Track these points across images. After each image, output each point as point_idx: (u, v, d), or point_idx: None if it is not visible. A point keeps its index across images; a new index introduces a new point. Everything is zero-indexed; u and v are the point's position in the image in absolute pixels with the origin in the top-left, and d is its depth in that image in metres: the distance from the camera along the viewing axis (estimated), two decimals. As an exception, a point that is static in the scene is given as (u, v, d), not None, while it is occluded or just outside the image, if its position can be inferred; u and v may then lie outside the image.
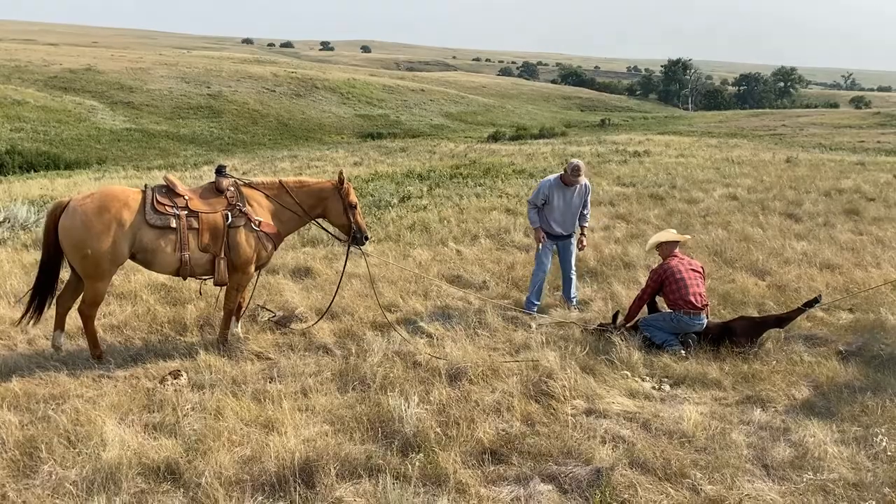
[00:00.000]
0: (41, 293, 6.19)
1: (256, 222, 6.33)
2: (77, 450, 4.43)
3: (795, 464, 4.51)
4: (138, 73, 60.91)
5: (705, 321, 6.65)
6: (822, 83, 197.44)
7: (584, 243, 8.17)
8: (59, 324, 6.28)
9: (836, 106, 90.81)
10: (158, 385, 5.55)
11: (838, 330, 7.00)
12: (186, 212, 6.12)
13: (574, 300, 7.91)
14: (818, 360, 6.13)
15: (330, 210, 6.73)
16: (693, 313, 6.58)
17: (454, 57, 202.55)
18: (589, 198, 8.08)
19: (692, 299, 6.59)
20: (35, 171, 30.00)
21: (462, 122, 66.16)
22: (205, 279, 6.47)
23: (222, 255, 6.22)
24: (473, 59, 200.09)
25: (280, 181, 6.67)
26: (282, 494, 4.10)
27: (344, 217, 6.74)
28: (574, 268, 8.04)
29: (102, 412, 4.91)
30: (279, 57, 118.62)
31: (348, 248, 7.11)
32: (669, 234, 7.26)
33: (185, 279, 6.58)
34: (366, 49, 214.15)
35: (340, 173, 6.79)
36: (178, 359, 6.13)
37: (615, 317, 6.98)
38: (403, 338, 6.51)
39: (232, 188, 6.38)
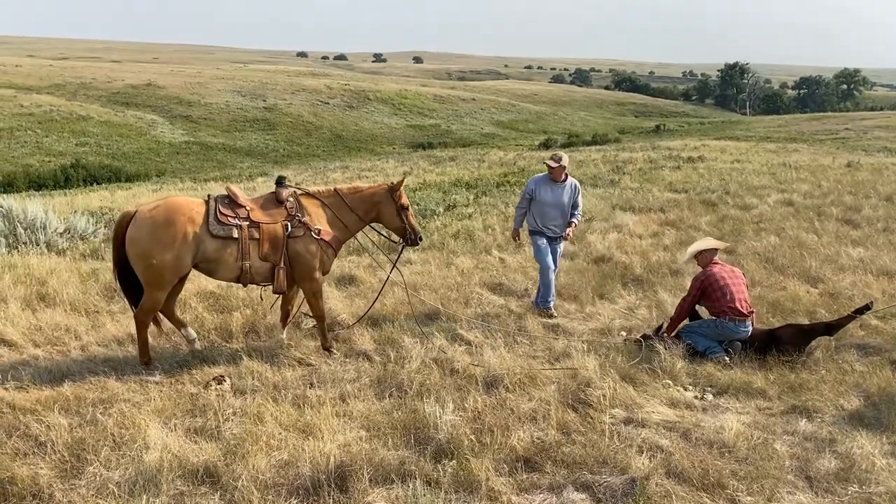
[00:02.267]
0: (127, 292, 6.43)
1: (316, 230, 6.44)
2: (121, 452, 4.57)
3: (840, 476, 4.37)
4: (196, 88, 62.65)
5: (750, 328, 6.49)
6: (888, 84, 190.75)
7: (570, 233, 8.17)
8: (177, 323, 6.68)
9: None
10: (202, 390, 5.68)
11: (893, 339, 6.75)
12: (248, 222, 6.25)
13: (549, 304, 7.84)
14: (870, 370, 5.92)
15: (383, 213, 6.84)
16: (738, 320, 6.43)
17: (506, 65, 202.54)
18: (579, 198, 8.09)
19: (737, 305, 6.44)
20: (98, 183, 31.09)
21: (513, 130, 66.08)
22: (266, 286, 6.61)
23: (282, 265, 6.35)
24: (525, 67, 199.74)
25: (335, 189, 6.80)
26: (315, 498, 4.16)
27: (398, 220, 6.84)
28: (556, 269, 8.07)
29: (147, 416, 5.05)
30: (332, 70, 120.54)
31: (401, 251, 7.27)
32: (708, 242, 7.12)
33: (245, 286, 6.75)
34: (418, 60, 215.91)
35: (397, 183, 6.88)
36: (223, 365, 6.26)
37: (659, 329, 6.86)
38: (440, 346, 6.53)
39: (291, 199, 6.52)
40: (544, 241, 7.97)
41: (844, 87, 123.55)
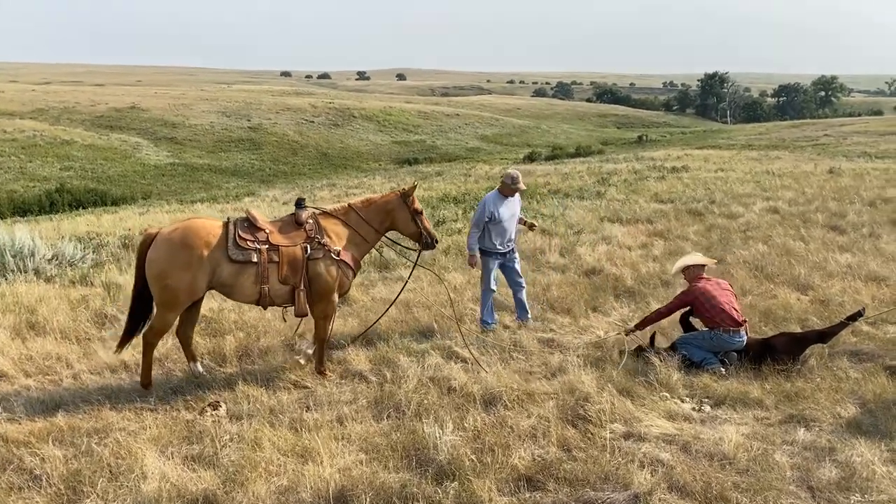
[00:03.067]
0: (133, 320, 6.38)
1: (335, 252, 6.43)
2: (119, 482, 4.52)
3: (842, 485, 4.38)
4: (180, 109, 62.49)
5: (745, 338, 6.52)
6: (864, 90, 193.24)
7: (530, 222, 8.18)
8: (189, 355, 6.63)
9: (879, 113, 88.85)
10: (198, 416, 5.63)
11: (886, 344, 6.80)
12: (267, 246, 6.24)
13: (529, 317, 7.87)
14: (865, 377, 5.96)
15: (398, 221, 6.86)
16: (733, 330, 6.46)
17: (488, 81, 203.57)
18: (521, 203, 8.11)
19: (731, 314, 6.48)
20: (83, 207, 30.84)
21: (498, 144, 66.30)
22: (286, 307, 6.57)
23: (302, 287, 6.32)
24: (508, 82, 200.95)
25: (349, 204, 6.81)
26: (317, 524, 4.12)
27: (412, 225, 6.86)
28: (523, 282, 8.01)
29: (143, 445, 5.00)
30: (317, 88, 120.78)
31: (418, 256, 7.29)
32: (695, 258, 7.18)
33: (265, 308, 6.74)
34: (401, 77, 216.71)
35: (406, 189, 6.92)
36: (218, 390, 6.21)
37: (652, 339, 6.88)
38: (437, 363, 6.51)
39: (311, 220, 6.51)
40: (497, 264, 7.85)
41: (822, 93, 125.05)
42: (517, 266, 7.99)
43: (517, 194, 7.91)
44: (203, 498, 4.34)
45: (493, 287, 7.83)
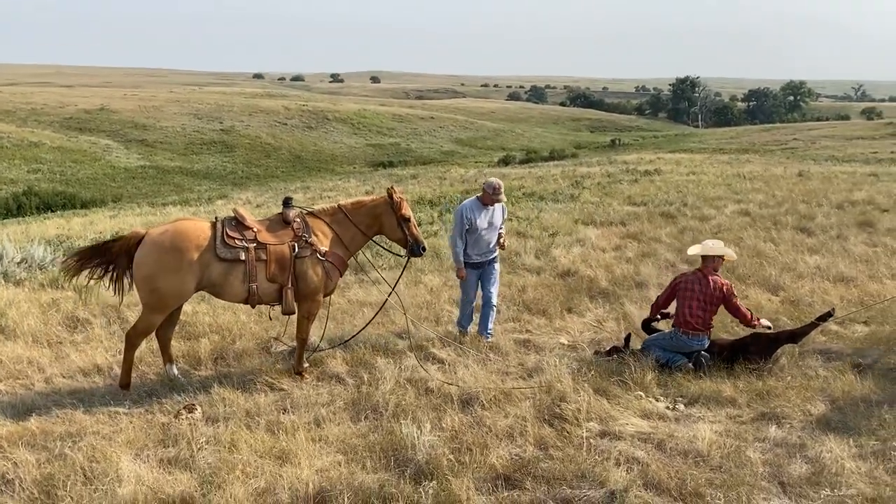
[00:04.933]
0: (88, 259, 6.28)
1: (322, 252, 6.43)
2: (93, 486, 4.46)
3: (812, 480, 4.47)
4: (151, 111, 61.81)
5: (706, 342, 6.59)
6: (832, 95, 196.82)
7: (505, 241, 7.69)
8: (167, 357, 6.56)
9: (847, 118, 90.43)
10: (173, 419, 5.58)
11: (854, 343, 6.96)
12: (255, 244, 6.25)
13: (489, 334, 7.42)
14: (834, 375, 6.08)
15: (385, 225, 6.84)
16: (692, 333, 6.55)
17: (462, 84, 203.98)
18: (506, 215, 7.76)
19: (688, 318, 6.56)
20: (52, 210, 30.37)
21: (472, 147, 66.51)
22: (274, 306, 6.55)
23: (289, 285, 6.34)
24: (482, 86, 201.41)
25: (339, 205, 6.80)
26: (296, 526, 4.11)
27: (399, 231, 6.83)
28: (496, 296, 7.62)
29: (118, 448, 4.95)
30: (290, 90, 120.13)
31: (406, 262, 7.33)
32: (714, 248, 6.80)
33: (253, 307, 6.75)
34: (375, 79, 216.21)
35: (390, 188, 6.86)
36: (193, 393, 6.16)
37: (627, 339, 6.94)
38: (415, 365, 6.52)
39: (298, 219, 6.51)
40: (475, 273, 7.51)
41: (791, 98, 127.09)
42: (493, 281, 7.57)
43: (501, 205, 7.56)
44: (180, 500, 4.31)
45: (472, 298, 7.57)
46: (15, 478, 4.60)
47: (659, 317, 7.08)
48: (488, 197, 7.40)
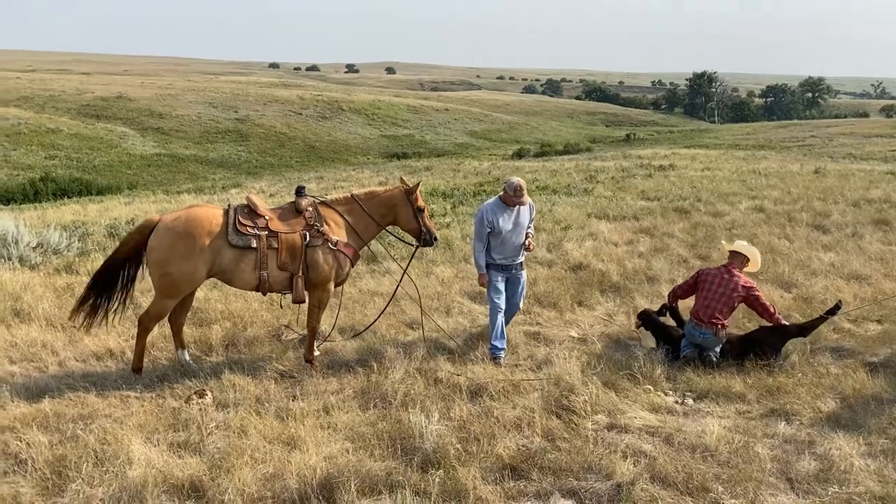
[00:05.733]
0: (97, 293, 6.36)
1: (334, 241, 6.46)
2: (104, 468, 4.52)
3: (820, 477, 4.46)
4: (167, 100, 62.11)
5: (711, 338, 6.57)
6: (850, 93, 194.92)
7: (532, 244, 7.12)
8: (179, 342, 6.62)
9: (865, 115, 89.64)
10: (184, 404, 5.63)
11: (866, 341, 6.91)
12: (267, 232, 6.29)
13: (502, 355, 6.72)
14: (845, 372, 6.06)
15: (400, 216, 6.86)
16: (698, 324, 6.57)
17: (478, 76, 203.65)
18: (534, 216, 7.27)
19: (699, 312, 6.61)
20: (68, 197, 30.58)
21: (486, 139, 66.38)
22: (285, 294, 6.59)
23: (300, 274, 6.38)
24: (497, 78, 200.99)
25: (352, 195, 6.83)
26: (303, 511, 4.15)
27: (414, 222, 6.85)
28: (519, 305, 7.21)
29: (129, 431, 5.01)
30: (305, 80, 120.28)
31: (413, 252, 7.40)
32: (746, 249, 6.99)
33: (264, 295, 6.81)
34: (390, 70, 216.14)
35: (401, 180, 6.92)
36: (204, 378, 6.21)
37: (661, 309, 7.08)
38: (425, 355, 6.54)
39: (310, 208, 6.55)
40: (501, 277, 6.95)
41: (809, 95, 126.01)
42: (519, 294, 7.13)
43: (527, 209, 7.00)
44: (189, 483, 4.36)
45: (501, 305, 6.88)
46: (28, 458, 4.67)
47: (666, 308, 7.11)
48: (509, 197, 6.86)
